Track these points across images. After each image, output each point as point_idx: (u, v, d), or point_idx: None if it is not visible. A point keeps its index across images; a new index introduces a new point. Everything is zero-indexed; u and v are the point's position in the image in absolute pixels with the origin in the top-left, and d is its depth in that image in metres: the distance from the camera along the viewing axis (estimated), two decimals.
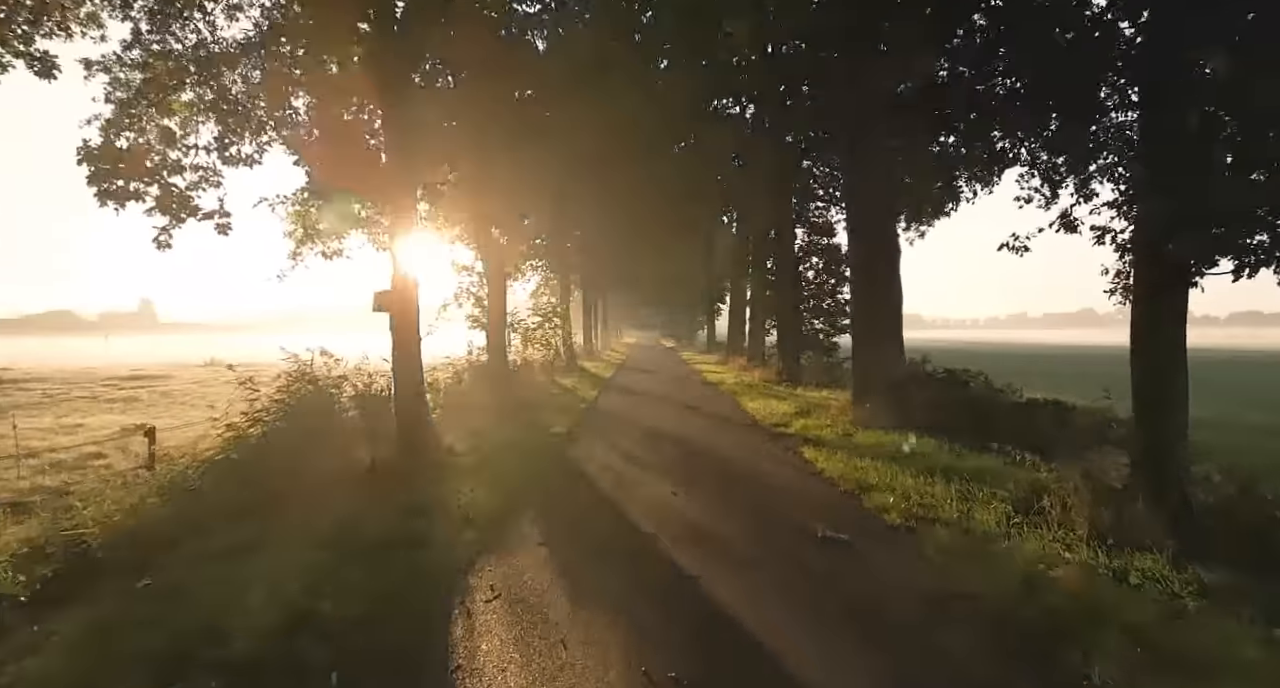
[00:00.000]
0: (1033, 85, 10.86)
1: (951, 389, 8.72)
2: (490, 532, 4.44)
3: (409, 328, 6.61)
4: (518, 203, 12.43)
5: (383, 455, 6.40)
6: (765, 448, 7.66)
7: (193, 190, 6.95)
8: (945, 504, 4.82)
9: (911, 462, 6.21)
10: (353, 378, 7.01)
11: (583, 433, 8.75)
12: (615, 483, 5.88)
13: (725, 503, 5.20)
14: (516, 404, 10.88)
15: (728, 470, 6.49)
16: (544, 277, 29.75)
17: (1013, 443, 6.80)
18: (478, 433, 8.01)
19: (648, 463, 6.81)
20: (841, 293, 15.76)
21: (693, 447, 7.75)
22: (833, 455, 6.74)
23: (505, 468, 6.27)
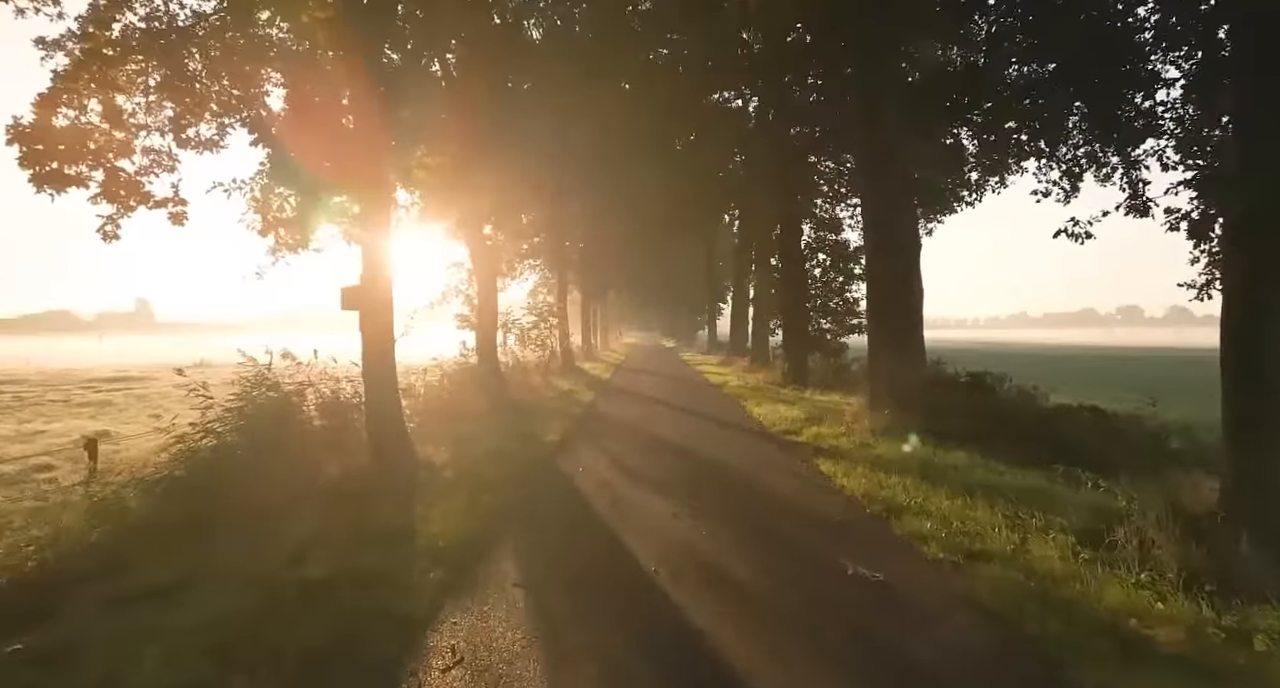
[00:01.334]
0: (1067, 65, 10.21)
1: (977, 394, 8.05)
2: (461, 568, 3.75)
3: (382, 327, 5.93)
4: (509, 196, 11.78)
5: (350, 469, 5.73)
6: (776, 459, 6.98)
7: (144, 175, 6.28)
8: (993, 533, 4.14)
9: (943, 478, 5.52)
10: (321, 382, 6.34)
11: (576, 441, 8.07)
12: (609, 502, 5.20)
13: (735, 528, 4.52)
14: (507, 409, 10.20)
15: (735, 487, 5.81)
16: (542, 276, 29.14)
17: (1053, 456, 6.12)
18: (461, 442, 7.33)
19: (646, 477, 6.13)
20: (850, 291, 15.09)
21: (695, 458, 7.07)
22: (853, 469, 6.06)
23: (487, 484, 5.58)
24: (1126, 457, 5.66)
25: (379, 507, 4.85)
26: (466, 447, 7.13)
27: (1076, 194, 14.10)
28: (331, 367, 6.57)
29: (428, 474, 5.78)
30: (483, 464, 6.32)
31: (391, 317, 6.00)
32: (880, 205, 8.43)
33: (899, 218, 8.23)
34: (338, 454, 5.87)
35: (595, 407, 11.63)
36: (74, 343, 69.26)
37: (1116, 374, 23.25)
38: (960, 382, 8.33)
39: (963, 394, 8.05)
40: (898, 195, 8.32)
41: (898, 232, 8.20)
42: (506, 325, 15.22)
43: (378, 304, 5.89)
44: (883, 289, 8.29)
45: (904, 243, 8.18)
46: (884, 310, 8.29)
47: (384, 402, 5.87)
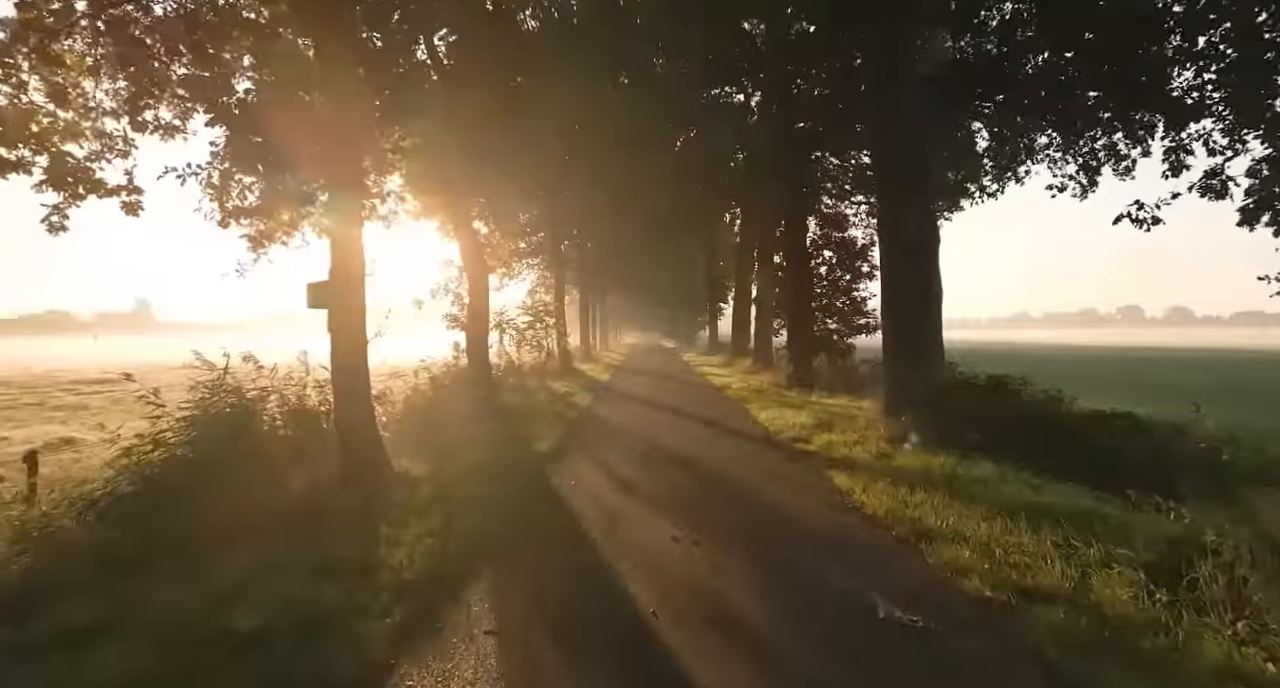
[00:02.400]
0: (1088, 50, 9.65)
1: (999, 399, 7.48)
2: (426, 609, 3.20)
3: (353, 328, 5.38)
4: (502, 190, 11.25)
5: (316, 485, 5.18)
6: (786, 472, 6.42)
7: (94, 161, 5.72)
8: (1045, 565, 3.58)
9: (974, 494, 4.97)
10: (289, 387, 5.79)
11: (570, 450, 7.52)
12: (602, 523, 4.65)
13: (744, 556, 3.96)
14: (498, 414, 9.64)
15: (742, 504, 5.25)
16: (540, 275, 28.61)
17: (1091, 470, 5.56)
18: (444, 452, 6.78)
19: (644, 492, 5.57)
20: (857, 290, 14.53)
21: (698, 469, 6.51)
22: (872, 484, 5.50)
23: (467, 501, 5.03)
24: (1177, 471, 5.11)
25: (342, 530, 4.30)
26: (449, 457, 6.58)
27: (1094, 188, 13.59)
28: (301, 370, 6.01)
29: (402, 490, 5.22)
30: (465, 478, 5.77)
31: (363, 316, 5.45)
32: (896, 199, 7.88)
33: (916, 211, 7.68)
34: (303, 468, 5.32)
35: (592, 411, 11.08)
36: (69, 343, 68.77)
37: (1144, 375, 22.66)
38: (980, 386, 7.77)
39: (984, 399, 7.49)
40: (915, 188, 7.76)
41: (915, 226, 7.65)
42: (501, 326, 14.68)
43: (348, 302, 5.34)
44: (899, 287, 7.73)
45: (922, 238, 7.63)
46: (900, 310, 7.73)
47: (355, 409, 5.32)
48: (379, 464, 5.40)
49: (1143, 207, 6.45)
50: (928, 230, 7.68)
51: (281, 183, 5.47)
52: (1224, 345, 59.33)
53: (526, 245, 26.54)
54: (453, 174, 9.77)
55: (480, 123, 11.35)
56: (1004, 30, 12.76)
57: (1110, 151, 12.88)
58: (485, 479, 5.76)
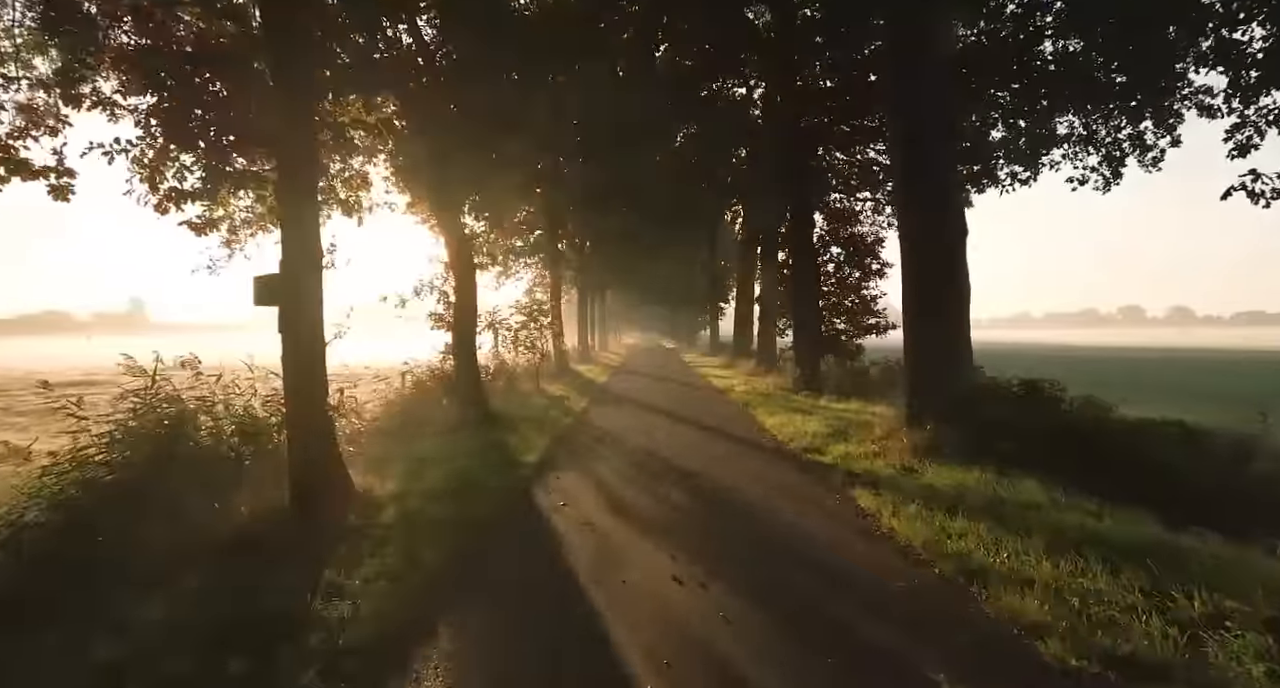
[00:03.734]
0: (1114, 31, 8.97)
1: (1035, 407, 6.80)
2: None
3: (308, 328, 4.69)
4: (493, 181, 10.54)
5: (262, 510, 4.49)
6: (800, 489, 5.73)
7: (17, 139, 5.02)
8: (1137, 623, 2.89)
9: (1024, 521, 4.28)
10: (238, 396, 5.10)
11: (561, 462, 6.82)
12: (593, 559, 3.95)
13: (762, 604, 3.27)
14: (485, 421, 8.95)
15: (755, 531, 4.56)
16: (537, 274, 27.93)
17: (1152, 490, 4.88)
18: (418, 466, 6.08)
19: (643, 516, 4.88)
20: (867, 288, 13.84)
21: (703, 486, 5.82)
22: (903, 506, 4.80)
23: (436, 529, 4.34)
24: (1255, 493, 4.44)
25: (280, 571, 3.61)
26: (423, 473, 5.88)
27: (1118, 181, 12.91)
28: (259, 375, 5.31)
29: (361, 516, 4.53)
30: (438, 498, 5.07)
31: (321, 314, 4.76)
32: (918, 189, 7.18)
33: (944, 196, 6.98)
34: (249, 490, 4.63)
35: (588, 417, 10.40)
36: (63, 344, 68.07)
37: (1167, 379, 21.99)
38: (1012, 391, 7.08)
39: (1016, 406, 6.81)
40: (939, 176, 7.07)
41: (940, 216, 6.95)
42: (494, 326, 13.99)
43: (302, 299, 4.65)
44: (922, 284, 7.03)
45: (948, 230, 6.93)
46: (924, 309, 7.03)
47: (309, 421, 4.63)
48: (336, 485, 4.71)
49: (1259, 177, 5.57)
50: (954, 222, 6.98)
51: (227, 162, 4.80)
52: (1226, 346, 58.71)
53: (523, 243, 25.88)
54: (435, 163, 9.08)
55: (468, 108, 10.66)
56: (1023, 14, 12.12)
57: (1136, 141, 12.22)
58: (461, 500, 5.07)
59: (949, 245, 6.92)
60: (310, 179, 4.58)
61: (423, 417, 8.91)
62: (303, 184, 4.56)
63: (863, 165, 17.58)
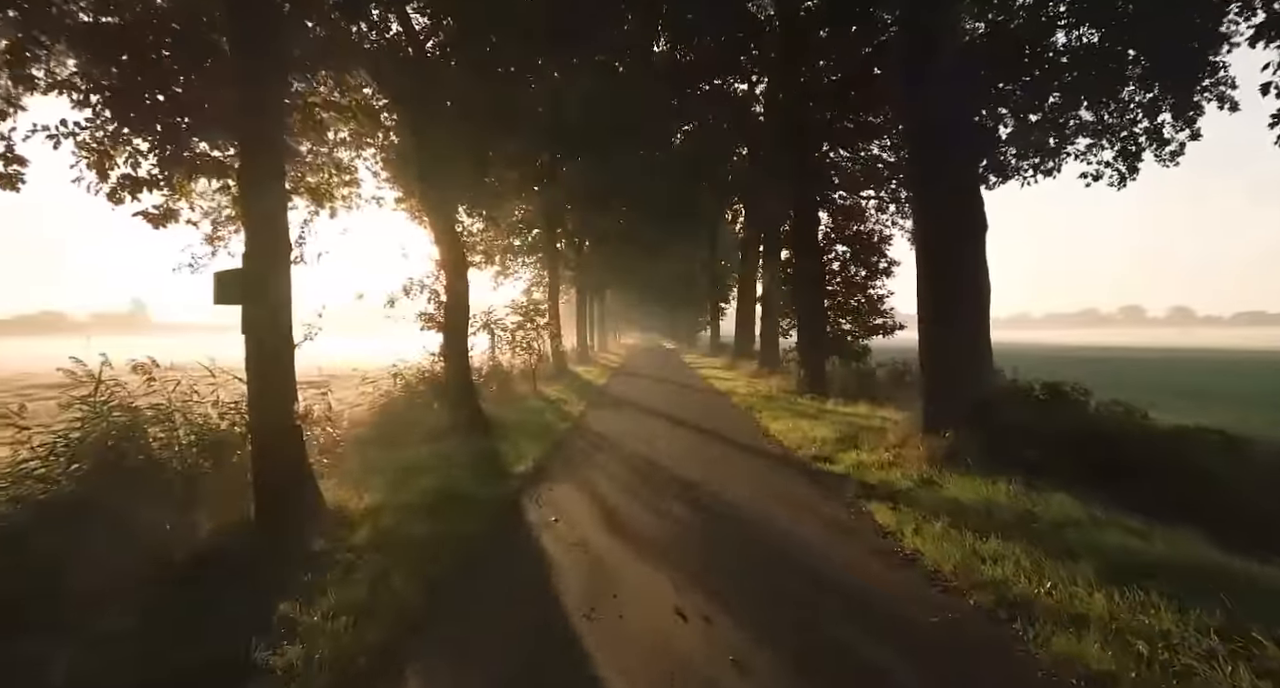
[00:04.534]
0: None
1: (1060, 412, 6.39)
2: None
3: (274, 329, 4.28)
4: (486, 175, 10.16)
5: (223, 530, 4.07)
6: (812, 502, 5.31)
7: None
8: (1217, 673, 2.47)
9: (1062, 541, 3.86)
10: (199, 403, 4.68)
11: (555, 472, 6.41)
12: (587, 587, 3.54)
13: (773, 643, 2.86)
14: (475, 426, 8.51)
15: (764, 553, 4.14)
16: (536, 273, 27.53)
17: (1196, 505, 4.46)
18: (400, 477, 5.66)
19: (642, 534, 4.47)
20: (874, 287, 13.40)
21: (706, 499, 5.40)
22: (926, 524, 4.38)
23: (414, 552, 3.92)
24: None
25: (229, 603, 3.19)
26: (406, 484, 5.46)
27: (1134, 176, 12.46)
28: (226, 380, 4.89)
29: (331, 536, 4.10)
30: (417, 514, 4.65)
31: (289, 314, 4.34)
32: (934, 181, 6.76)
33: (959, 193, 6.56)
34: (210, 507, 4.21)
35: (585, 421, 9.98)
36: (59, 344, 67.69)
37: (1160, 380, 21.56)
38: (1035, 396, 6.67)
39: (1040, 412, 6.40)
40: (957, 167, 6.65)
41: (957, 211, 6.53)
42: (489, 327, 13.56)
43: (268, 296, 4.23)
44: (939, 282, 6.61)
45: (967, 224, 6.52)
46: (941, 308, 6.61)
47: (275, 431, 4.21)
48: (304, 500, 4.29)
49: None
50: (972, 216, 6.56)
51: (185, 146, 4.38)
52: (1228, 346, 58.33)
53: (521, 243, 25.47)
54: (425, 157, 8.68)
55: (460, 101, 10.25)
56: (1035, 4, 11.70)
57: (1153, 135, 11.80)
58: (443, 516, 4.65)
59: (968, 241, 6.51)
60: (275, 165, 4.16)
61: (412, 421, 8.49)
62: (267, 170, 4.14)
63: (867, 162, 17.19)
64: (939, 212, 6.64)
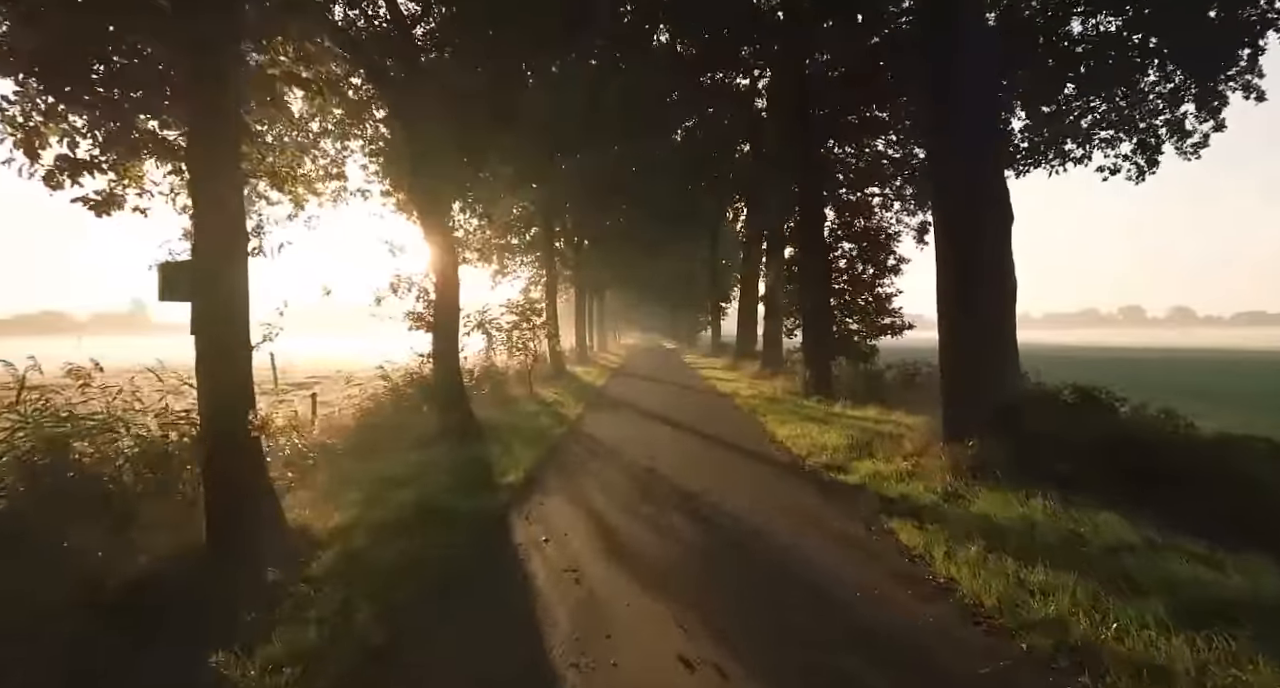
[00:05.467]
0: None
1: (1094, 419, 5.92)
2: None
3: (228, 329, 3.81)
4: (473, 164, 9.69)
5: (172, 554, 3.60)
6: (828, 519, 4.83)
7: None
8: None
9: (1128, 573, 3.38)
10: (140, 411, 4.21)
11: (548, 483, 5.94)
12: (577, 623, 3.07)
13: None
14: (466, 432, 8.06)
15: (779, 582, 3.66)
16: (535, 273, 27.06)
17: (1259, 525, 4.00)
18: (378, 490, 5.19)
19: (641, 558, 4.00)
20: (882, 285, 12.93)
21: (711, 515, 4.93)
22: (958, 546, 3.91)
23: (382, 580, 3.45)
24: None
25: (155, 650, 2.72)
26: (384, 498, 4.99)
27: (1154, 169, 12.00)
28: (165, 386, 4.44)
29: (289, 563, 3.63)
30: (392, 533, 4.19)
31: (245, 312, 3.88)
32: (955, 169, 6.29)
33: (984, 181, 6.09)
34: (160, 529, 3.75)
35: (582, 426, 9.51)
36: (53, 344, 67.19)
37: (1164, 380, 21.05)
38: (1064, 400, 6.20)
39: (1070, 418, 5.93)
40: (980, 153, 6.19)
41: (981, 202, 6.06)
42: (483, 326, 13.08)
43: (221, 292, 3.76)
44: (961, 277, 6.14)
45: (991, 215, 6.05)
46: (962, 306, 6.14)
47: (229, 443, 3.74)
48: (262, 521, 3.82)
49: None
50: (997, 209, 6.09)
51: (128, 123, 3.91)
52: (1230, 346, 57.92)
53: (519, 241, 25.00)
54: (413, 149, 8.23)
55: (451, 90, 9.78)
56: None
57: (1174, 127, 11.32)
58: (421, 536, 4.18)
59: (991, 235, 6.04)
60: (228, 141, 3.69)
61: (398, 426, 8.04)
62: (219, 148, 3.67)
63: (871, 158, 16.73)
64: (960, 204, 6.17)
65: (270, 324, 4.02)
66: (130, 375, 4.52)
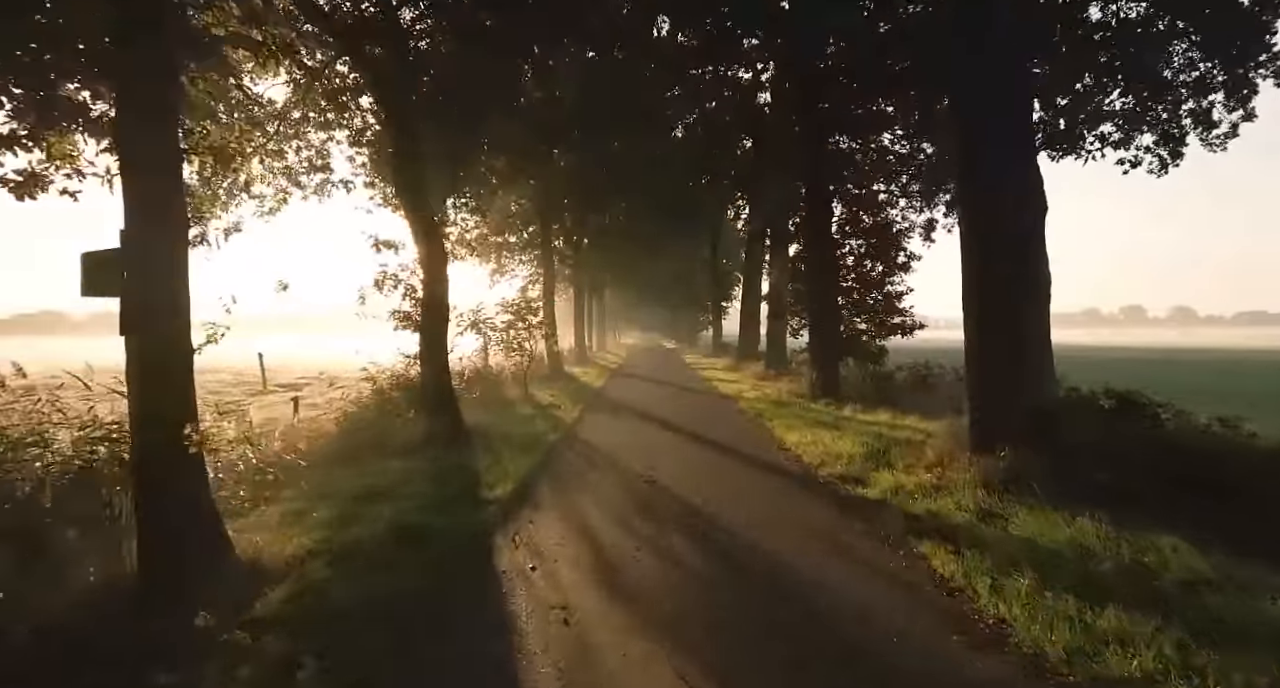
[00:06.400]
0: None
1: (1136, 426, 5.42)
2: None
3: (164, 328, 3.30)
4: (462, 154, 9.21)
5: (99, 593, 3.10)
6: (849, 541, 4.32)
7: None
8: None
9: (1210, 612, 2.88)
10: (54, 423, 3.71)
11: (539, 497, 5.43)
12: (564, 675, 2.56)
13: None
14: (455, 438, 7.55)
15: (798, 621, 3.14)
16: (533, 271, 26.55)
17: None
18: (350, 509, 4.68)
19: (639, 592, 3.49)
20: (892, 283, 12.43)
21: (718, 536, 4.42)
22: (1005, 577, 3.40)
23: (333, 626, 2.94)
24: None
25: None
26: (354, 518, 4.48)
27: (1177, 161, 11.47)
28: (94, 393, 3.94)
29: (231, 603, 3.12)
30: (357, 563, 3.67)
31: (185, 310, 3.36)
32: (982, 155, 5.78)
33: (1016, 171, 5.58)
34: (83, 561, 3.24)
35: (578, 431, 9.00)
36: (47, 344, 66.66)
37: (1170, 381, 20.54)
38: (1101, 406, 5.70)
39: (1111, 426, 5.43)
40: (1012, 136, 5.68)
41: (1012, 190, 5.55)
42: (477, 326, 12.56)
43: (154, 286, 3.25)
44: (990, 271, 5.63)
45: (1026, 205, 5.54)
46: (992, 302, 5.63)
47: (165, 461, 3.23)
48: (205, 549, 3.30)
49: None
50: (1030, 197, 5.58)
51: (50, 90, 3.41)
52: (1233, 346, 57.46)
53: (516, 239, 24.50)
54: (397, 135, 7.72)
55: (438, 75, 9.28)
56: None
57: (1200, 117, 10.80)
58: (390, 565, 3.68)
59: (1025, 224, 5.53)
60: (163, 111, 3.18)
61: (383, 432, 7.53)
62: (154, 119, 3.16)
63: (877, 154, 16.21)
64: (989, 193, 5.66)
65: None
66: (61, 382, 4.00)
